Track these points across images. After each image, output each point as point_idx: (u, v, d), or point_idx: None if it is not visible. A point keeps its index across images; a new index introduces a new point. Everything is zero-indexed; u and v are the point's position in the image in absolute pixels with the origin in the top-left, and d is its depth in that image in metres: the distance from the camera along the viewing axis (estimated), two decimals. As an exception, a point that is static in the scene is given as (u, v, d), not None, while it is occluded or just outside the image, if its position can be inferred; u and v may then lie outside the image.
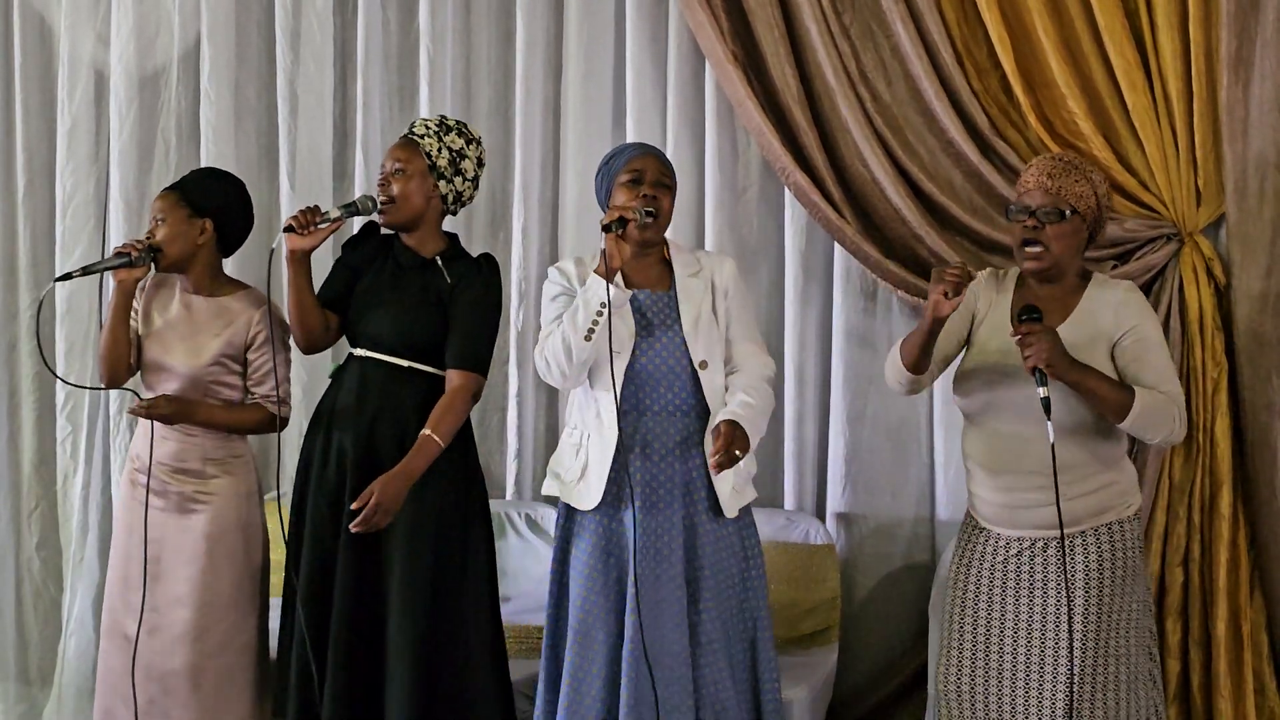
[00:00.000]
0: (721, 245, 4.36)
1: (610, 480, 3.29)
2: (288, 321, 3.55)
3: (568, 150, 4.52)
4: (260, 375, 3.60)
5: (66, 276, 3.51)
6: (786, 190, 4.29)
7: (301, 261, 3.42)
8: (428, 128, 3.50)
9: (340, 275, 3.59)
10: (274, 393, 3.59)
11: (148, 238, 3.56)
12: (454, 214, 3.58)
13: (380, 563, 3.39)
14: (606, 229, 3.20)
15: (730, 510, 3.32)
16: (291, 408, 3.68)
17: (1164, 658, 3.99)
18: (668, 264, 3.43)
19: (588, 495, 3.31)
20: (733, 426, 3.18)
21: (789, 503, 4.46)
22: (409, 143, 3.49)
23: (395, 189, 3.45)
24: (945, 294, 3.01)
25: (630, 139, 4.41)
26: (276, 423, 3.59)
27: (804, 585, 4.19)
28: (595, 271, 3.23)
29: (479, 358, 3.43)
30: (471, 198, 3.57)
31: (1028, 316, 3.04)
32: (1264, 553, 3.93)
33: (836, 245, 4.28)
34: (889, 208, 4.12)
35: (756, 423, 3.26)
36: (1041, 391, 2.96)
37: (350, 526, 3.29)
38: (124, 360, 3.58)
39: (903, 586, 4.36)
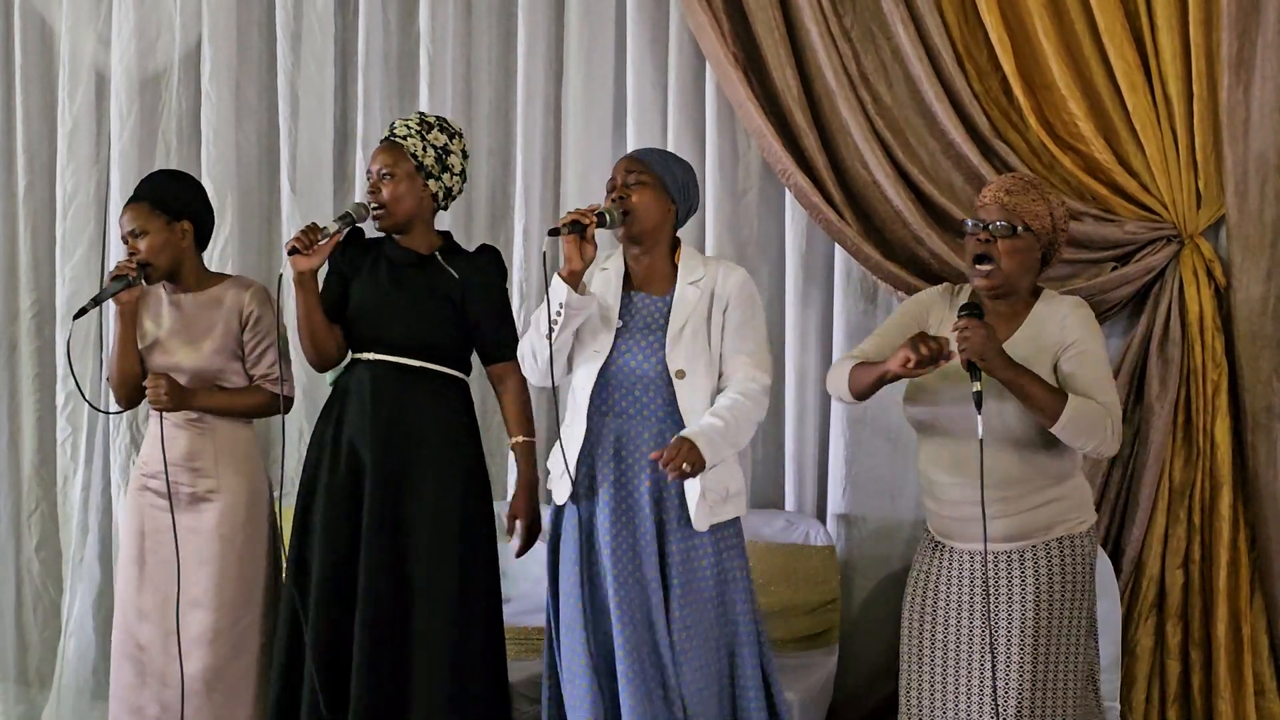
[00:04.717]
0: (721, 247, 4.36)
1: (580, 475, 3.29)
2: (300, 342, 3.51)
3: (568, 151, 4.52)
4: (257, 355, 3.60)
5: (82, 312, 3.51)
6: (787, 192, 4.29)
7: (309, 282, 3.41)
8: (409, 128, 3.48)
9: (334, 284, 3.56)
10: (272, 370, 3.59)
11: (130, 254, 3.56)
12: (445, 209, 3.59)
13: (402, 566, 3.39)
14: (554, 233, 3.19)
15: (699, 524, 3.23)
16: (295, 386, 3.66)
17: (1164, 659, 3.99)
18: (677, 269, 3.39)
19: (562, 487, 3.32)
20: (682, 443, 3.12)
21: (789, 504, 4.46)
22: (392, 145, 3.48)
23: (385, 193, 3.45)
24: (910, 363, 2.96)
25: (631, 140, 4.43)
26: (279, 404, 3.58)
27: (804, 587, 4.19)
28: (558, 274, 3.21)
29: (514, 345, 3.45)
30: (461, 191, 3.58)
31: (967, 312, 3.04)
32: (1264, 555, 3.93)
33: (837, 247, 4.28)
34: (890, 210, 4.11)
35: (720, 442, 3.16)
36: (975, 386, 2.95)
37: (515, 556, 3.49)
38: (139, 381, 3.58)
39: (902, 589, 4.32)
